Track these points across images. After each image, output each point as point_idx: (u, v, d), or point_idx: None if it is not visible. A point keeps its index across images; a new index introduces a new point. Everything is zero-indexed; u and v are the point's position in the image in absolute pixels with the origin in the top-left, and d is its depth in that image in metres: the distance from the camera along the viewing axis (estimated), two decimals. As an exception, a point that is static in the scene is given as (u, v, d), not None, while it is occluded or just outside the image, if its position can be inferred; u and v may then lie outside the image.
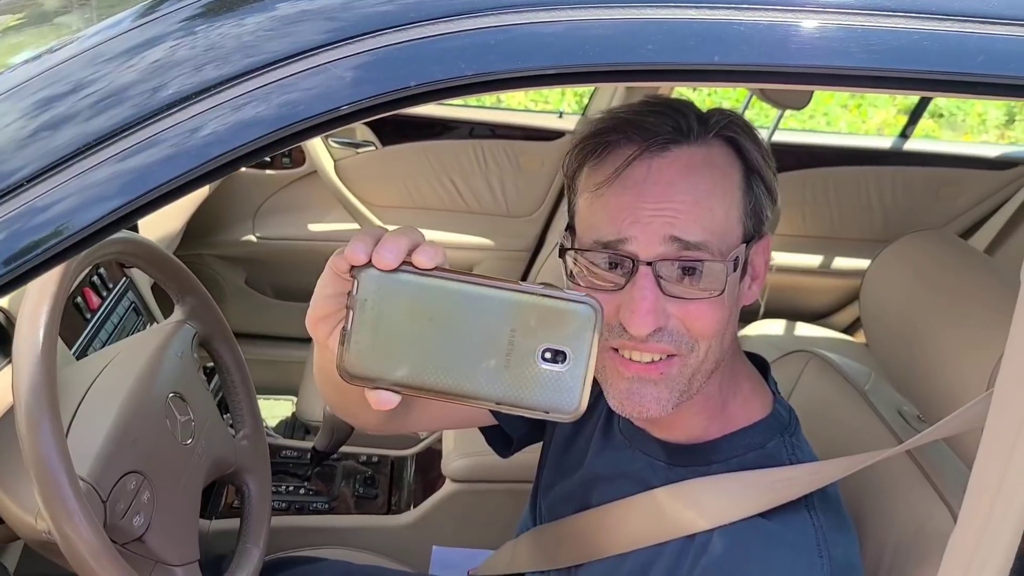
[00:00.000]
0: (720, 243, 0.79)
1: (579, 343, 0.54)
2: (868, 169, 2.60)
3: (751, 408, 0.91)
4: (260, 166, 2.50)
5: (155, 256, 1.14)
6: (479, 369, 0.54)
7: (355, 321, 0.54)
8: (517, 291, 0.54)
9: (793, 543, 0.82)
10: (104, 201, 0.58)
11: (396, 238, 0.55)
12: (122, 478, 0.95)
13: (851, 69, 0.60)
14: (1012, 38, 0.64)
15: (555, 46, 0.61)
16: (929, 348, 1.04)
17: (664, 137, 0.80)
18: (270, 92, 0.59)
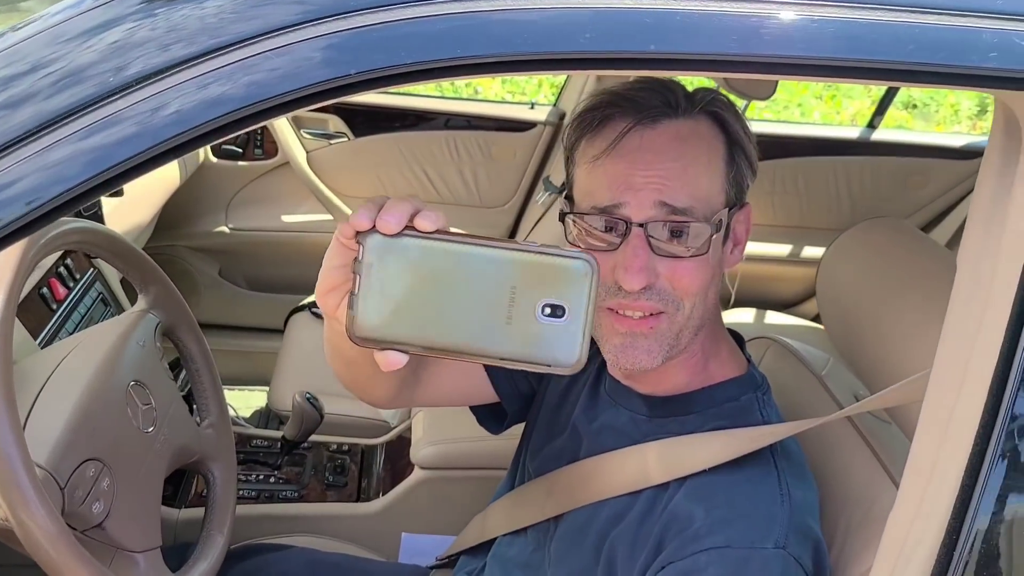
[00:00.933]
0: (705, 207, 0.87)
1: (577, 297, 0.56)
2: (837, 159, 2.62)
3: (728, 367, 0.99)
4: (232, 157, 2.50)
5: (117, 245, 1.14)
6: (482, 326, 0.56)
7: (362, 285, 0.57)
8: (517, 250, 0.57)
9: (756, 479, 0.89)
10: (65, 178, 0.58)
11: (398, 204, 0.58)
12: (81, 465, 0.95)
13: (785, 58, 0.62)
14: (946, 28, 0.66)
15: (495, 35, 0.62)
16: (882, 332, 1.06)
17: (655, 111, 0.88)
18: (233, 71, 0.59)
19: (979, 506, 0.68)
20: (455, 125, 2.57)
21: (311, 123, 2.51)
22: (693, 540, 0.85)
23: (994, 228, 0.73)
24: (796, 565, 0.83)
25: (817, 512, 0.92)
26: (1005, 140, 0.74)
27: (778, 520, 0.84)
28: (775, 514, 0.85)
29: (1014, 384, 0.67)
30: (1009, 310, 0.68)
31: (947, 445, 0.71)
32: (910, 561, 0.72)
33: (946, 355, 0.75)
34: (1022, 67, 0.66)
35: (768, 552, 0.82)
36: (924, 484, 0.73)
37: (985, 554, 0.69)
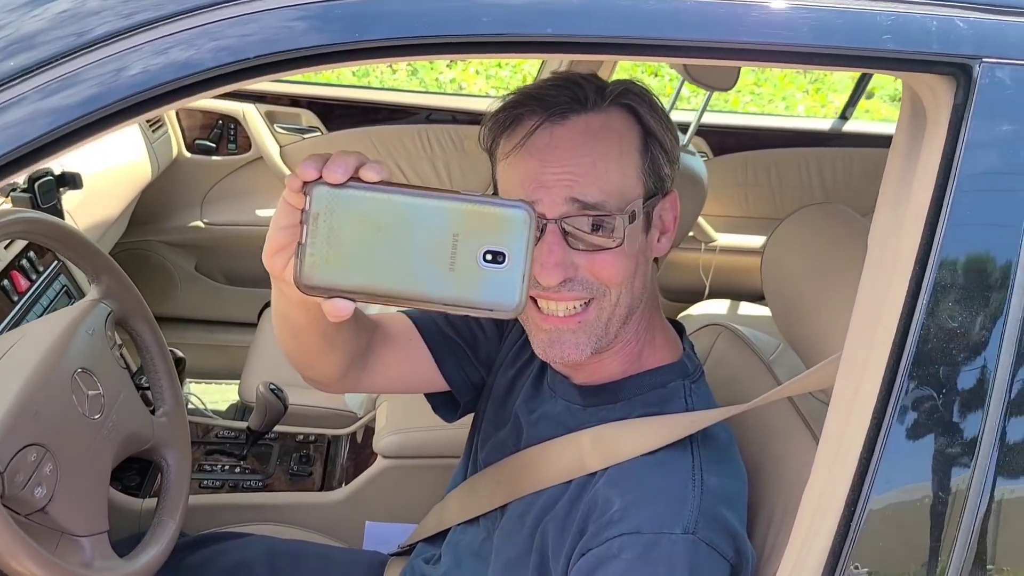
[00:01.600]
0: (617, 200, 0.87)
1: (516, 244, 0.59)
2: (809, 150, 2.65)
3: (660, 355, 1.00)
4: (206, 152, 2.51)
5: (65, 235, 1.15)
6: (427, 273, 0.59)
7: (308, 234, 0.59)
8: (459, 200, 0.59)
9: (669, 465, 0.89)
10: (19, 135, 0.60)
11: (344, 156, 0.60)
12: (22, 450, 0.96)
13: (669, 40, 0.63)
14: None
15: (395, 18, 0.63)
16: (822, 316, 1.08)
17: (563, 107, 0.88)
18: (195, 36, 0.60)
19: (874, 481, 0.69)
20: (437, 119, 2.59)
21: (284, 118, 2.53)
22: (608, 526, 0.86)
23: (899, 207, 0.74)
24: (708, 549, 0.84)
25: (738, 501, 0.92)
26: (911, 121, 0.75)
27: (687, 504, 0.85)
28: (685, 498, 0.86)
29: (907, 361, 0.68)
30: (906, 288, 0.70)
31: (851, 422, 0.73)
32: (818, 534, 0.74)
33: (855, 334, 0.77)
34: (916, 48, 0.68)
35: (676, 537, 0.83)
36: (831, 460, 0.75)
37: (876, 527, 0.71)
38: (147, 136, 2.23)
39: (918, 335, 0.68)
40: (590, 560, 0.85)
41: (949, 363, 0.69)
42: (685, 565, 0.82)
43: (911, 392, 0.69)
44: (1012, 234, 0.68)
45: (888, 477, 0.69)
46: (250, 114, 2.47)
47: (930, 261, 0.68)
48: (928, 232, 0.69)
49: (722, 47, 0.65)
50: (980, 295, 0.68)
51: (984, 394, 0.69)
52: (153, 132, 2.29)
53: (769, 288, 1.28)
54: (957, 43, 0.68)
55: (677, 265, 2.63)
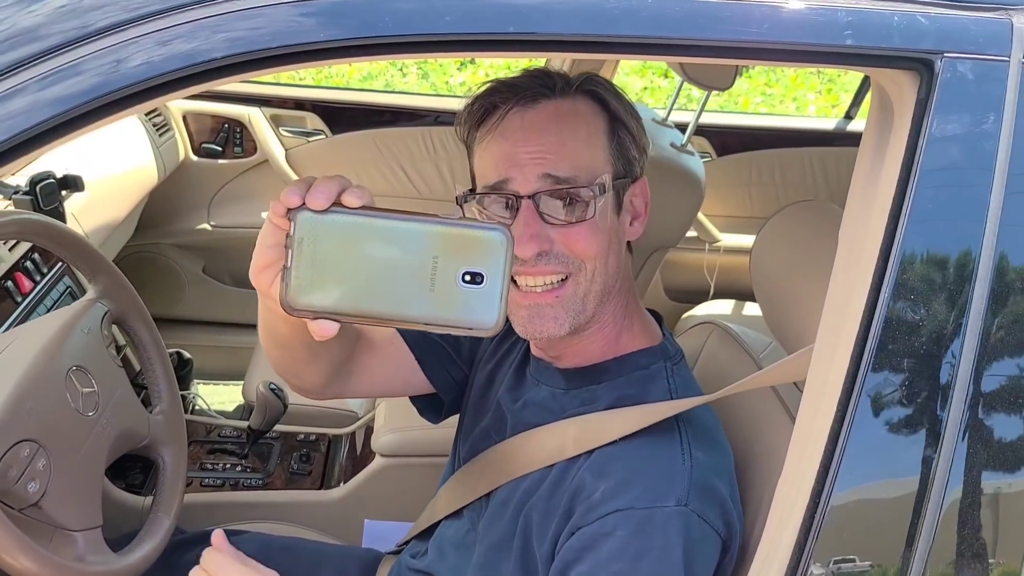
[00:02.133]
0: (588, 175, 0.92)
1: (494, 265, 0.61)
2: (813, 150, 2.64)
3: (640, 340, 1.03)
4: (212, 156, 2.54)
5: (61, 236, 1.17)
6: (407, 293, 0.61)
7: (293, 258, 0.61)
8: (437, 223, 0.61)
9: (658, 443, 0.91)
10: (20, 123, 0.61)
11: (326, 182, 0.62)
12: (15, 446, 0.98)
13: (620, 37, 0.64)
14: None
15: (357, 17, 0.64)
16: (806, 312, 1.08)
17: (533, 91, 0.94)
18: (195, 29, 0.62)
19: (838, 473, 0.70)
20: (445, 121, 2.60)
21: (289, 121, 2.55)
22: (600, 504, 0.87)
23: (867, 202, 0.75)
24: (700, 521, 0.85)
25: (726, 472, 0.94)
26: (879, 116, 0.76)
27: (679, 478, 0.87)
28: (675, 472, 0.88)
29: (870, 353, 0.69)
30: (870, 281, 0.70)
31: (819, 414, 0.74)
32: (785, 528, 0.75)
33: (824, 327, 0.78)
34: (877, 44, 0.69)
35: (670, 510, 0.85)
36: (800, 453, 0.76)
37: (840, 520, 0.71)
38: (153, 139, 2.26)
39: (881, 327, 0.69)
40: (581, 539, 0.87)
41: (912, 355, 0.69)
42: (679, 536, 0.84)
43: (875, 384, 0.69)
44: (973, 228, 0.69)
45: (852, 469, 0.70)
46: (256, 117, 2.50)
47: (892, 255, 0.69)
48: (891, 226, 0.70)
49: (694, 45, 0.66)
50: (941, 288, 0.69)
51: (947, 386, 0.70)
52: (160, 136, 2.32)
53: (758, 285, 1.28)
54: (919, 38, 0.69)
55: (681, 265, 2.63)
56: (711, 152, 2.67)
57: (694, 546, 0.84)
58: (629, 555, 0.83)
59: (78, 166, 1.74)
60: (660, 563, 0.83)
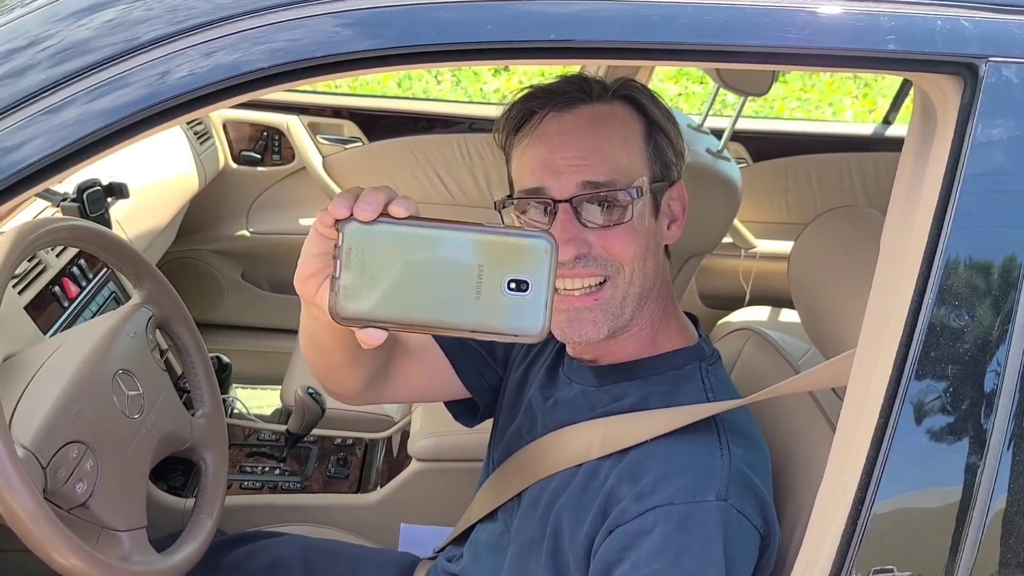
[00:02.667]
0: (625, 179, 0.93)
1: (539, 272, 0.61)
2: (851, 155, 2.61)
3: (676, 340, 1.03)
4: (251, 163, 2.58)
5: (108, 242, 1.20)
6: (454, 302, 0.62)
7: (342, 268, 0.62)
8: (482, 232, 0.62)
9: (695, 439, 0.91)
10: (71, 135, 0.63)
11: (373, 193, 0.63)
12: (64, 447, 1.01)
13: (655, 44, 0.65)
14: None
15: (397, 26, 0.65)
16: (845, 318, 1.07)
17: (570, 96, 0.95)
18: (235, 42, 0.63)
19: (880, 480, 0.69)
20: (480, 128, 2.62)
21: (327, 129, 2.58)
22: (638, 500, 0.87)
23: (909, 207, 0.74)
24: (739, 516, 0.85)
25: (764, 470, 0.94)
26: (922, 121, 0.75)
27: (718, 472, 0.87)
28: (714, 466, 0.88)
29: (914, 359, 0.69)
30: (913, 286, 0.70)
31: (862, 420, 0.73)
32: (827, 534, 0.74)
33: (867, 332, 0.77)
34: (920, 49, 0.68)
35: (710, 504, 0.85)
36: (842, 459, 0.75)
37: (883, 527, 0.71)
38: (195, 148, 2.30)
39: (924, 334, 0.69)
40: (622, 537, 0.87)
41: (956, 362, 0.69)
42: (719, 531, 0.84)
43: (918, 391, 0.69)
44: (1017, 233, 0.68)
45: (894, 478, 0.69)
46: (294, 125, 2.54)
47: (936, 260, 0.68)
48: (935, 231, 0.69)
49: (731, 51, 0.66)
50: (986, 294, 0.68)
51: (993, 394, 0.69)
52: (200, 144, 2.36)
53: (796, 291, 1.27)
54: (963, 42, 0.68)
55: (716, 271, 2.62)
56: (747, 158, 2.65)
57: (734, 542, 0.84)
58: (670, 552, 0.83)
59: (123, 174, 1.77)
60: (701, 560, 0.83)
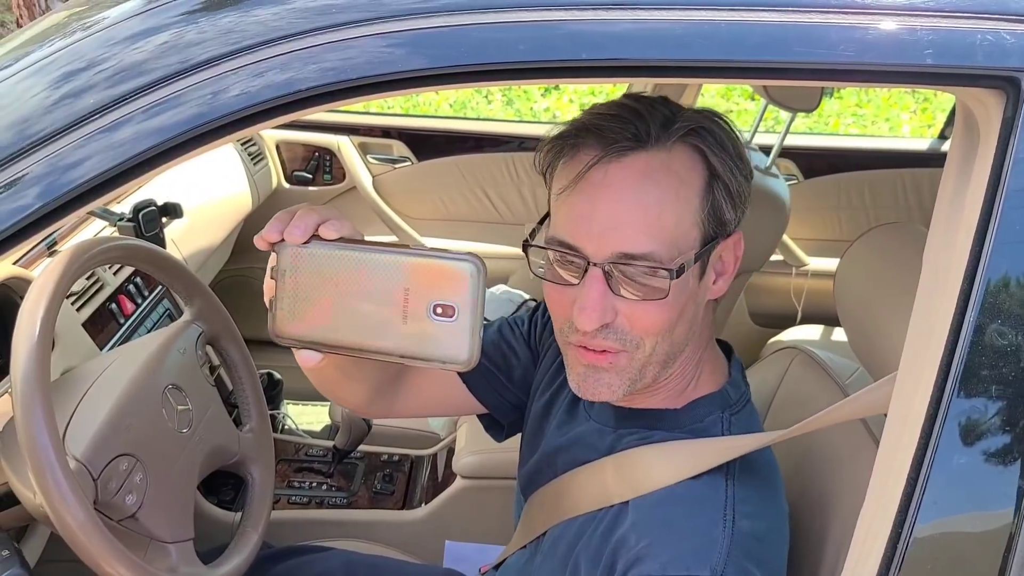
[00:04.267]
0: (668, 250, 0.82)
1: (465, 297, 0.60)
2: (905, 171, 2.56)
3: (704, 386, 0.96)
4: (303, 183, 2.63)
5: (159, 260, 1.23)
6: (381, 326, 0.61)
7: (278, 290, 0.63)
8: (407, 254, 0.61)
9: (699, 501, 0.86)
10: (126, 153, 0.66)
11: (305, 215, 0.63)
12: (114, 459, 1.04)
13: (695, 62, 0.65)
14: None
15: (438, 47, 0.67)
16: (893, 337, 1.05)
17: (623, 144, 0.83)
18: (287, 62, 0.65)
19: (920, 504, 0.67)
20: (529, 147, 2.64)
21: (376, 148, 2.62)
22: (635, 563, 0.83)
23: (952, 224, 0.73)
24: None
25: (772, 543, 0.88)
26: (964, 136, 0.74)
27: (717, 547, 0.81)
28: (714, 540, 0.82)
29: (955, 380, 0.67)
30: (955, 305, 0.68)
31: (903, 442, 0.72)
32: (867, 558, 0.73)
33: (908, 353, 0.76)
34: (960, 63, 0.67)
35: None
36: (884, 482, 0.73)
37: (923, 553, 0.69)
38: (248, 168, 2.36)
39: (966, 353, 0.67)
40: None
41: (1000, 382, 0.67)
42: None
43: (960, 411, 0.67)
44: (1063, 250, 0.66)
45: (936, 500, 0.68)
46: (344, 146, 2.58)
47: (978, 277, 0.67)
48: (977, 248, 0.68)
49: (773, 67, 0.66)
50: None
51: (1038, 415, 0.67)
52: (254, 164, 2.41)
53: (842, 309, 1.25)
54: (1004, 55, 0.67)
55: (767, 290, 2.58)
56: (797, 174, 2.62)
57: None
58: None
59: (179, 194, 1.82)
60: None
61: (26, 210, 0.66)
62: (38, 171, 0.66)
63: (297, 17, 0.67)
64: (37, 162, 0.66)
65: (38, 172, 0.66)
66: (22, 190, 0.66)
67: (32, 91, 0.71)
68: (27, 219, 0.67)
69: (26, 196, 0.66)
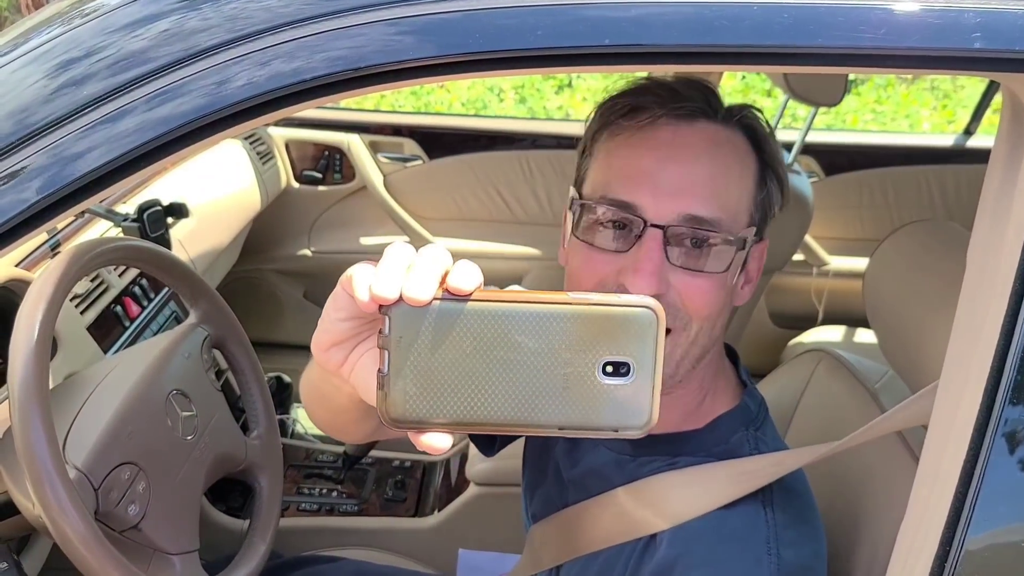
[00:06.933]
0: (732, 222, 0.79)
1: (642, 350, 0.49)
2: (928, 168, 2.51)
3: (721, 400, 0.91)
4: (312, 183, 2.60)
5: (163, 261, 1.19)
6: (536, 396, 0.49)
7: (392, 362, 0.49)
8: (569, 304, 0.49)
9: (741, 537, 0.80)
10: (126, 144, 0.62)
11: (428, 265, 0.48)
12: (116, 468, 1.00)
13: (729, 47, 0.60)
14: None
15: (449, 35, 0.62)
16: (927, 341, 1.01)
17: (693, 106, 0.80)
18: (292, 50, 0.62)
19: (971, 518, 0.63)
20: (542, 145, 2.60)
21: (387, 147, 2.59)
22: None
23: (999, 220, 0.69)
24: None
25: (817, 556, 0.83)
26: (1011, 127, 0.70)
27: None
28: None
29: (1007, 387, 0.62)
30: (1005, 307, 0.64)
31: (947, 453, 0.67)
32: (912, 573, 0.68)
33: (952, 359, 0.71)
34: (1010, 47, 0.63)
35: None
36: (926, 495, 0.69)
37: (973, 569, 0.64)
38: (257, 167, 2.32)
39: (1019, 357, 0.62)
40: None
41: (1056, 390, 0.62)
42: None
43: (1011, 421, 0.62)
44: (1125, 247, 0.61)
45: (987, 514, 0.63)
46: (355, 144, 2.54)
47: (1031, 278, 0.62)
48: (1029, 246, 0.63)
49: (803, 53, 0.61)
50: (1090, 315, 0.62)
51: (1098, 425, 0.62)
52: (263, 164, 2.38)
53: (872, 311, 1.20)
54: (1058, 39, 0.62)
55: (787, 290, 2.53)
56: (819, 172, 2.57)
57: None
58: None
59: (186, 194, 1.79)
60: None
61: (27, 202, 0.63)
62: (39, 162, 0.63)
63: (304, 3, 0.63)
64: (38, 152, 0.63)
65: (39, 163, 0.63)
66: (23, 182, 0.63)
67: (31, 79, 0.67)
68: (28, 211, 0.63)
69: (28, 188, 0.63)
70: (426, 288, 0.47)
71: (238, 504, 1.72)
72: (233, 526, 1.62)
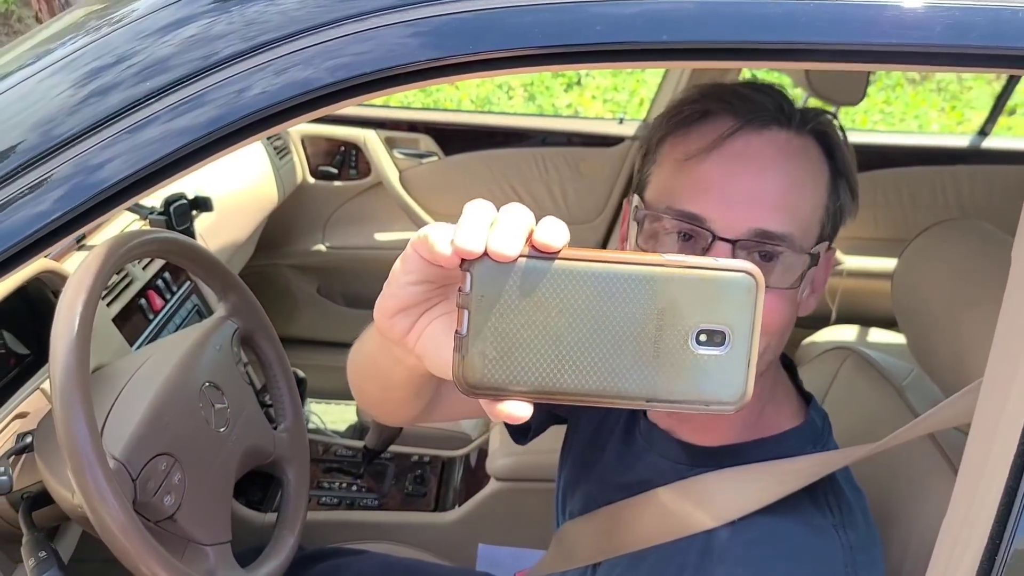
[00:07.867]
0: (803, 236, 0.76)
1: (740, 319, 0.46)
2: (944, 168, 2.51)
3: (783, 415, 0.89)
4: (328, 178, 2.60)
5: (196, 255, 1.20)
6: (625, 363, 0.47)
7: (473, 323, 0.46)
8: (661, 265, 0.46)
9: (817, 560, 0.79)
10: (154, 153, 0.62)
11: (514, 218, 0.46)
12: (153, 459, 1.01)
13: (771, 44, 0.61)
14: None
15: (507, 31, 0.63)
16: (961, 340, 1.01)
17: (766, 114, 0.77)
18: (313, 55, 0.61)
19: (1021, 515, 0.63)
20: (553, 142, 2.60)
21: (403, 143, 2.59)
22: None
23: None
24: None
25: (878, 556, 0.83)
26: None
27: None
28: None
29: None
30: (1058, 303, 0.64)
31: (994, 449, 0.67)
32: (957, 569, 0.68)
33: (997, 356, 0.71)
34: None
35: None
36: (972, 491, 0.69)
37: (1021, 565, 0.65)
38: (274, 162, 2.33)
39: (1072, 356, 0.63)
40: None
41: (1109, 387, 0.63)
42: None
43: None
44: None
45: (1038, 512, 0.63)
46: (371, 140, 2.55)
47: (1084, 275, 0.63)
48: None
49: (849, 50, 0.61)
50: None
51: None
52: (280, 159, 2.38)
53: (901, 310, 1.21)
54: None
55: (800, 289, 2.53)
56: (832, 171, 2.57)
57: None
58: None
59: (206, 187, 1.80)
60: None
61: (53, 214, 0.63)
62: (64, 172, 0.63)
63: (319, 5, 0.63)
64: (63, 163, 0.63)
65: (64, 173, 0.63)
66: (48, 192, 0.63)
67: (57, 89, 0.67)
68: (55, 223, 0.63)
69: (53, 199, 0.63)
70: (513, 243, 0.45)
71: (258, 497, 1.72)
72: (254, 519, 1.63)
